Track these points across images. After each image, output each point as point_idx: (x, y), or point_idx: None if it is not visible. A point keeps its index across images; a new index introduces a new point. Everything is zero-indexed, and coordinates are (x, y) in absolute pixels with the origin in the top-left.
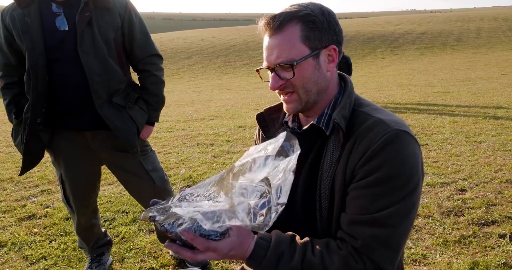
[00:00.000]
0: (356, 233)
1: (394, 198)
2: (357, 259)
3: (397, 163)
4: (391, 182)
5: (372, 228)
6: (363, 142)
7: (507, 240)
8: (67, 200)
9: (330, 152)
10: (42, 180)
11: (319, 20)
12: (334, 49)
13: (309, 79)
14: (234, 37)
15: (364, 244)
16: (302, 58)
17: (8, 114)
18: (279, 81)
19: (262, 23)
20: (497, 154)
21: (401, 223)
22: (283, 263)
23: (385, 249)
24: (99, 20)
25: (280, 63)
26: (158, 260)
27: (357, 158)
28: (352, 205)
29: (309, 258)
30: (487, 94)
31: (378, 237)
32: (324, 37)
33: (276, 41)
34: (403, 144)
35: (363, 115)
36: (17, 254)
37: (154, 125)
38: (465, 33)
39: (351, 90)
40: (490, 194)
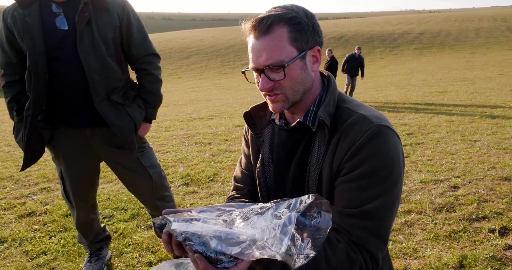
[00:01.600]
0: (349, 226)
1: (380, 189)
2: (355, 250)
3: (380, 157)
4: (376, 175)
5: (363, 220)
6: (348, 138)
7: (496, 234)
8: (67, 195)
9: (317, 147)
10: (42, 179)
11: (304, 23)
12: (318, 50)
13: (297, 79)
14: (233, 37)
15: (358, 236)
16: (291, 60)
17: (10, 111)
18: (269, 82)
19: (248, 25)
20: (491, 152)
21: (387, 214)
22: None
23: (376, 239)
24: (98, 20)
25: (271, 65)
26: (156, 255)
27: (342, 153)
28: (340, 198)
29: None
30: (485, 93)
31: (369, 229)
32: (310, 38)
33: (265, 43)
34: (385, 139)
35: (347, 111)
36: (17, 249)
37: (151, 123)
38: (463, 33)
39: (334, 88)
40: (482, 191)
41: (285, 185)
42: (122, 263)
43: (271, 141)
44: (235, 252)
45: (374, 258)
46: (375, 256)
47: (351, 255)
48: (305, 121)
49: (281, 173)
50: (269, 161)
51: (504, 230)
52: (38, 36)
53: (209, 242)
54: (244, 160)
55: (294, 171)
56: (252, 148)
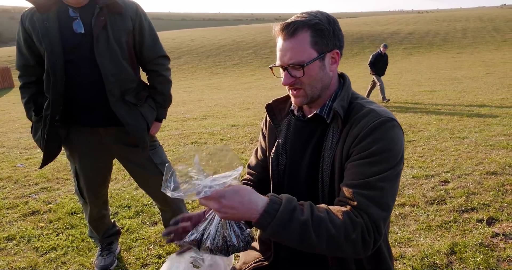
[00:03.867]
0: (352, 194)
1: (383, 167)
2: (356, 214)
3: (385, 140)
4: (381, 154)
5: (365, 190)
6: (357, 127)
7: (484, 224)
8: (81, 192)
9: (331, 136)
10: (41, 178)
11: (326, 29)
12: (337, 53)
13: (315, 77)
14: (224, 37)
15: (359, 202)
16: (311, 61)
17: (27, 111)
18: (290, 78)
19: (277, 28)
20: (479, 149)
21: (388, 187)
22: (296, 217)
23: (377, 207)
24: (112, 24)
25: (292, 64)
26: (164, 248)
27: (351, 140)
28: (348, 175)
29: (316, 213)
30: (472, 93)
31: (370, 197)
32: (330, 43)
33: (290, 45)
34: (390, 127)
35: (358, 106)
36: (26, 246)
37: (161, 122)
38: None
39: (349, 86)
40: (470, 184)
41: (299, 169)
42: (132, 257)
43: (287, 130)
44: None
45: (375, 225)
46: (376, 222)
47: (353, 218)
48: (321, 113)
49: (296, 159)
50: (283, 148)
51: (491, 219)
52: (56, 39)
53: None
54: (259, 151)
55: (309, 157)
56: (269, 138)
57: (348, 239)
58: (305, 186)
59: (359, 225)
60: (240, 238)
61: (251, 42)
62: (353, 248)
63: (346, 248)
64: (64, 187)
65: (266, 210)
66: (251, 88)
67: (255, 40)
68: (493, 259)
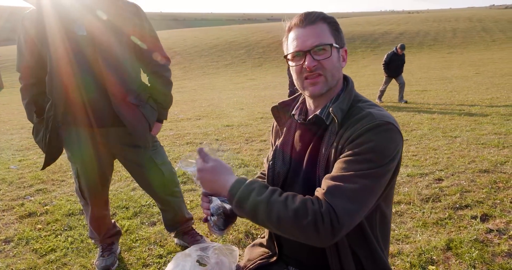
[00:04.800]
0: (324, 184)
1: (368, 166)
2: (315, 202)
3: (376, 142)
4: (368, 154)
5: (339, 181)
6: (351, 129)
7: (478, 220)
8: (82, 193)
9: (327, 138)
10: (36, 180)
11: (339, 26)
12: (345, 51)
13: (335, 65)
14: (216, 37)
15: (326, 192)
16: (335, 44)
17: (28, 113)
18: (314, 61)
19: (296, 19)
20: (471, 147)
21: (368, 184)
22: (253, 196)
23: (345, 201)
24: (114, 26)
25: (319, 44)
26: (164, 248)
27: (344, 140)
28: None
29: (275, 197)
30: (462, 92)
31: (341, 189)
32: (342, 39)
33: (312, 30)
34: (383, 131)
35: (358, 109)
36: (25, 248)
37: (162, 123)
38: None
39: (351, 89)
40: (464, 182)
41: (300, 172)
42: (133, 257)
43: (286, 133)
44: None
45: (336, 215)
46: (337, 212)
47: (308, 205)
48: (320, 115)
49: (298, 162)
50: (280, 151)
51: (485, 216)
52: (58, 41)
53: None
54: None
55: (308, 159)
56: (275, 138)
57: (299, 224)
58: (303, 188)
59: (312, 212)
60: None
61: (244, 42)
62: (305, 234)
63: (296, 232)
64: (59, 189)
65: (230, 189)
66: (244, 88)
67: (247, 40)
68: (488, 254)
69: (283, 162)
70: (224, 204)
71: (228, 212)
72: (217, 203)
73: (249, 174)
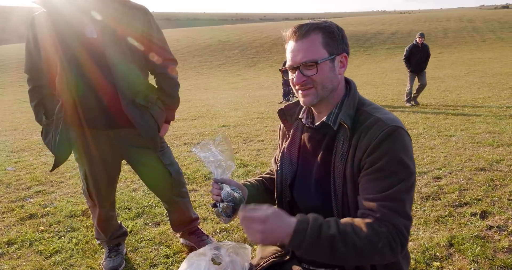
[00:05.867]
0: (373, 207)
1: (398, 178)
2: (380, 224)
3: (395, 151)
4: (393, 166)
5: (385, 202)
6: (366, 138)
7: (478, 217)
8: (90, 194)
9: (341, 144)
10: (34, 182)
11: (336, 32)
12: (345, 57)
13: (326, 77)
14: (209, 37)
15: (383, 214)
16: (323, 59)
17: (36, 114)
18: (302, 77)
19: (289, 31)
20: (466, 146)
21: (407, 197)
22: (324, 232)
23: (400, 217)
24: (123, 28)
25: (306, 62)
26: (171, 248)
27: (361, 152)
28: (364, 189)
29: (342, 227)
30: (455, 91)
31: (391, 207)
32: (339, 46)
33: (302, 45)
34: (398, 137)
35: (365, 114)
36: (29, 250)
37: (170, 124)
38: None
39: (355, 92)
40: (461, 180)
41: (311, 174)
42: (140, 257)
43: (293, 137)
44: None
45: (400, 232)
46: (400, 230)
47: (378, 229)
48: (327, 121)
49: (308, 164)
50: (288, 151)
51: (484, 213)
52: (69, 44)
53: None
54: (277, 152)
55: (319, 163)
56: (282, 140)
57: (375, 248)
58: (316, 189)
59: (384, 235)
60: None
61: (237, 42)
62: (382, 255)
63: (374, 257)
64: (59, 190)
65: (296, 230)
66: (238, 88)
67: (241, 40)
68: (490, 250)
69: (291, 164)
70: (234, 193)
71: (237, 200)
72: (228, 190)
73: (249, 174)
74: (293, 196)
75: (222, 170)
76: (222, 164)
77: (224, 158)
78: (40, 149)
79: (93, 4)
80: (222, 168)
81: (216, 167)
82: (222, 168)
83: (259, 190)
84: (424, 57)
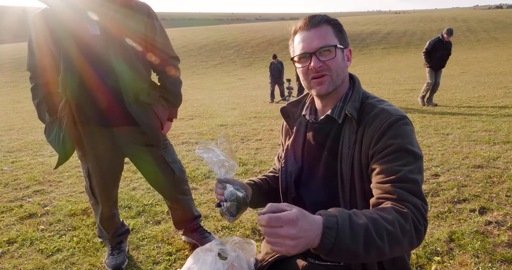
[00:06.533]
0: (389, 190)
1: (408, 160)
2: (401, 205)
3: (403, 135)
4: (402, 150)
5: (399, 183)
6: (371, 127)
7: (477, 213)
8: (92, 191)
9: (347, 137)
10: (32, 181)
11: (342, 28)
12: (350, 51)
13: (340, 65)
14: (205, 37)
15: (399, 194)
16: (339, 45)
17: (39, 113)
18: (319, 63)
19: (301, 22)
20: (463, 144)
21: (419, 179)
22: (355, 222)
23: (415, 197)
24: (126, 26)
25: (324, 46)
26: (173, 246)
27: (368, 141)
28: (376, 174)
29: (369, 215)
30: (450, 91)
31: (406, 188)
32: (346, 40)
33: (316, 32)
34: (403, 124)
35: (370, 106)
36: (30, 248)
37: (172, 121)
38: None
39: (359, 86)
40: (459, 177)
41: (317, 169)
42: (142, 255)
43: (296, 134)
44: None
45: (420, 212)
46: (420, 210)
47: (401, 210)
48: (332, 115)
49: (313, 159)
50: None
51: (482, 209)
52: (72, 41)
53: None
54: (281, 150)
55: (326, 157)
56: (285, 139)
57: (404, 231)
58: (322, 184)
59: (408, 215)
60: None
61: (233, 42)
62: (409, 240)
63: (404, 242)
64: (58, 190)
65: (326, 225)
66: (234, 88)
67: (236, 40)
68: (490, 245)
69: (295, 161)
70: (237, 192)
71: (241, 199)
72: (231, 189)
73: (248, 173)
74: (298, 193)
75: (225, 170)
76: (225, 164)
77: (227, 158)
78: (36, 149)
79: (96, 1)
80: (225, 168)
81: (220, 167)
82: (225, 168)
83: (263, 189)
84: (446, 54)
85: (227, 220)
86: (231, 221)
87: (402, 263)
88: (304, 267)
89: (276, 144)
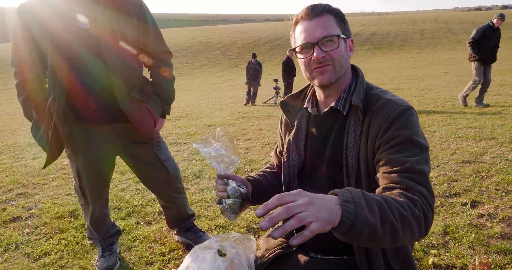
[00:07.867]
0: (396, 180)
1: (415, 151)
2: (410, 194)
3: (408, 127)
4: (409, 141)
5: (407, 173)
6: (378, 118)
7: (468, 207)
8: (82, 191)
9: (353, 128)
10: (15, 184)
11: (345, 17)
12: (352, 41)
13: (343, 55)
14: (190, 38)
15: (407, 183)
16: (342, 35)
17: (25, 110)
18: (322, 53)
19: (302, 12)
20: (450, 141)
21: (426, 170)
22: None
23: (422, 187)
24: (118, 19)
25: (327, 36)
26: (166, 246)
27: (375, 131)
28: (383, 165)
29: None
30: (434, 90)
31: (413, 178)
32: (348, 30)
33: (318, 22)
34: (409, 115)
35: (375, 97)
36: (16, 253)
37: (165, 118)
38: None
39: (362, 77)
40: (449, 172)
41: (322, 162)
42: (135, 256)
43: (299, 125)
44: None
45: (428, 202)
46: (428, 200)
47: (411, 196)
48: (337, 106)
49: (317, 153)
50: (294, 142)
51: (474, 203)
52: (60, 34)
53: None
54: (279, 145)
55: (331, 150)
56: (285, 133)
57: (414, 215)
58: (327, 178)
59: (418, 201)
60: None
61: (219, 43)
62: (419, 226)
63: (414, 227)
64: (43, 192)
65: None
66: (221, 89)
67: (222, 41)
68: (484, 237)
69: (298, 155)
70: (240, 188)
71: (244, 195)
72: (234, 185)
73: (239, 172)
74: (302, 187)
75: (226, 166)
76: (225, 159)
77: (227, 152)
78: (19, 151)
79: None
80: (225, 163)
81: (219, 163)
82: (225, 163)
83: (263, 184)
84: (497, 45)
85: (228, 218)
86: (232, 219)
87: (405, 253)
88: (306, 262)
89: (265, 144)
